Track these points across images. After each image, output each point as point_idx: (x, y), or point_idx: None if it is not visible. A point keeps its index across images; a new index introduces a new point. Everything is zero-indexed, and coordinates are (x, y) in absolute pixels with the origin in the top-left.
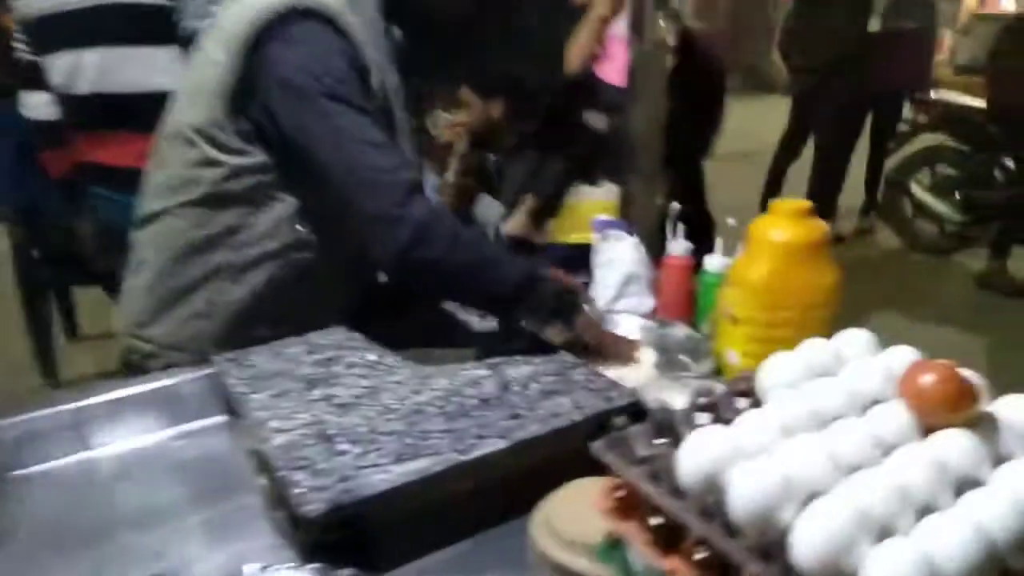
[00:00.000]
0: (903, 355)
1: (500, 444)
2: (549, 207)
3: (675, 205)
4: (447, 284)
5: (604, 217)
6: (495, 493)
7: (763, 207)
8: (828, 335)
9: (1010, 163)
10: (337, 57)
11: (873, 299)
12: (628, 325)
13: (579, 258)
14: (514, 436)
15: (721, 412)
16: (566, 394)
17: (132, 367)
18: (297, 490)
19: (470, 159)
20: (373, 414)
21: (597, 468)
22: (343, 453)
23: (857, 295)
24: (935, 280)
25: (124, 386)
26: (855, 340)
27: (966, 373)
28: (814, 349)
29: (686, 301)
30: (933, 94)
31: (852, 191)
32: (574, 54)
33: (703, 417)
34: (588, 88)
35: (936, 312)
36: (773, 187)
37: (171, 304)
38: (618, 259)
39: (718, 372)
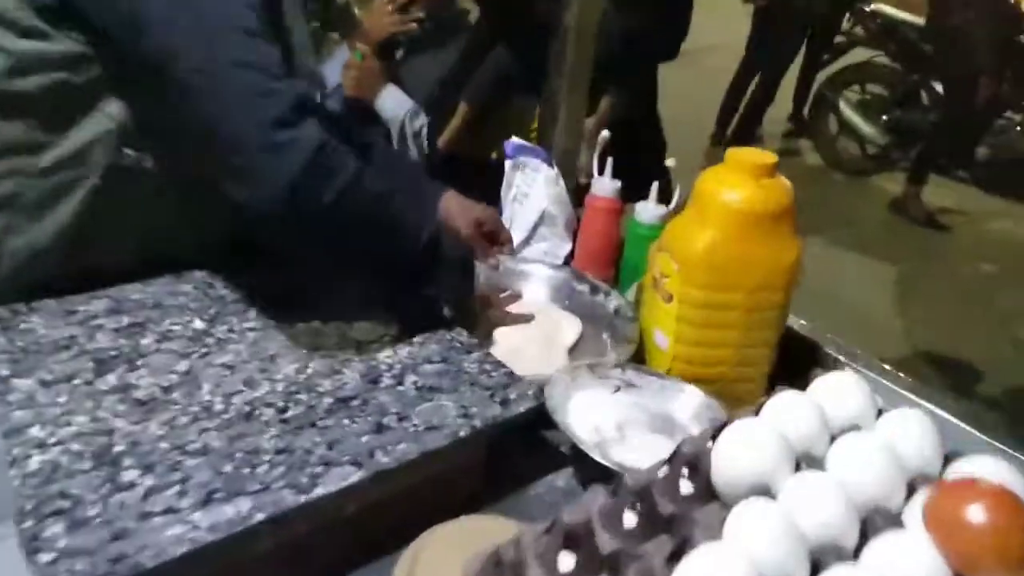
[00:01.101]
0: (918, 432)
1: (353, 476)
2: (489, 116)
3: (605, 133)
4: (340, 235)
5: (518, 141)
6: (346, 534)
7: (719, 124)
8: (781, 322)
9: (938, 86)
10: None
11: None
12: (540, 277)
13: None
14: (375, 463)
15: (658, 505)
16: (451, 392)
17: None
18: (42, 557)
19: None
20: (184, 418)
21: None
22: (128, 487)
23: None
24: (852, 202)
25: None
26: (846, 395)
27: None
28: (792, 415)
29: (608, 253)
30: (872, 5)
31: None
32: None
33: (630, 517)
34: None
35: (849, 235)
36: (732, 101)
37: None
38: (532, 194)
39: (640, 358)
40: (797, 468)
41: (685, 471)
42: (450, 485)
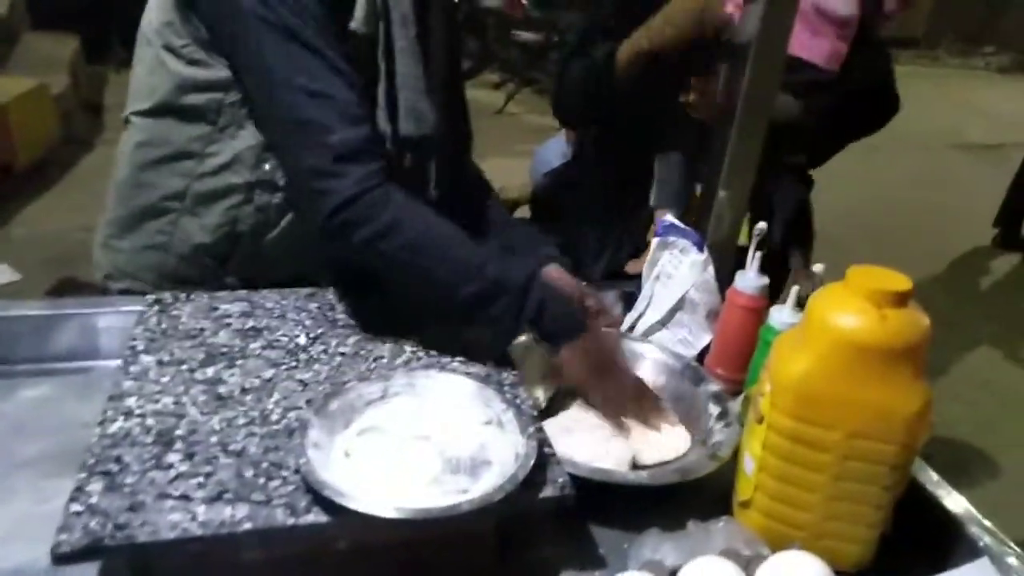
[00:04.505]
0: None
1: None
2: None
3: (761, 225)
4: (383, 273)
5: (671, 219)
6: (333, 570)
7: (1003, 224)
8: (893, 479)
9: None
10: None
11: None
12: (662, 367)
13: None
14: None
15: None
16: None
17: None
18: (73, 507)
19: None
20: (242, 420)
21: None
22: (166, 467)
23: None
24: None
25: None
26: None
27: None
28: None
29: (744, 354)
30: None
31: None
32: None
33: None
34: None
35: None
36: (1018, 198)
37: (133, 226)
38: (677, 276)
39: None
40: None
41: None
42: (449, 552)
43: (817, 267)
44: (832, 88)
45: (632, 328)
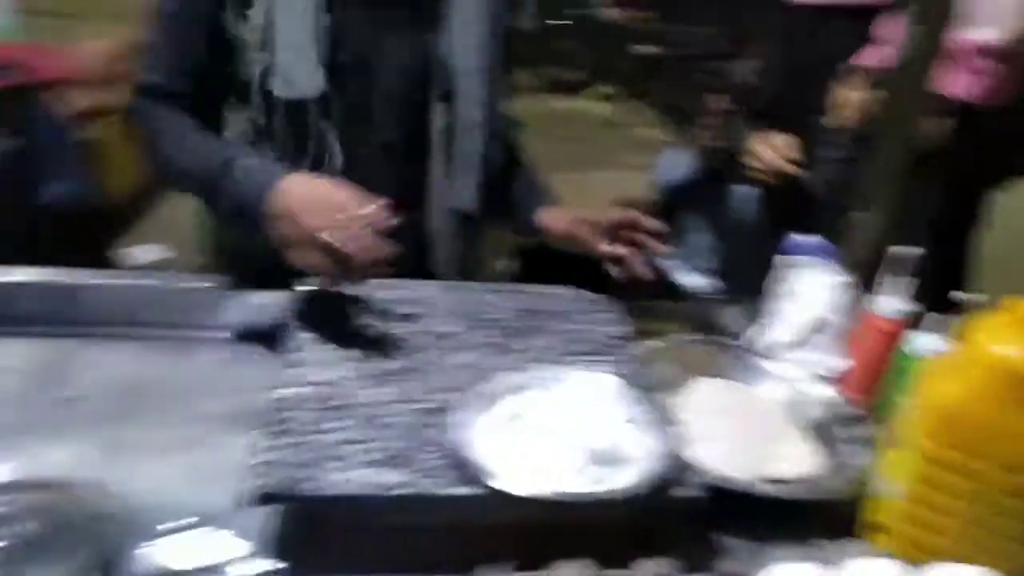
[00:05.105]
0: None
1: (481, 489)
2: None
3: (905, 250)
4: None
5: (806, 237)
6: (477, 543)
7: None
8: None
9: None
10: None
11: None
12: (783, 380)
13: None
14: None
15: None
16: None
17: None
18: (260, 457)
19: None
20: (398, 396)
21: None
22: (331, 432)
23: None
24: None
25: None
26: None
27: None
28: None
29: (877, 377)
30: None
31: None
32: None
33: None
34: None
35: None
36: None
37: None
38: (807, 295)
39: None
40: None
41: None
42: (584, 541)
43: (965, 294)
44: (992, 116)
45: (758, 346)
